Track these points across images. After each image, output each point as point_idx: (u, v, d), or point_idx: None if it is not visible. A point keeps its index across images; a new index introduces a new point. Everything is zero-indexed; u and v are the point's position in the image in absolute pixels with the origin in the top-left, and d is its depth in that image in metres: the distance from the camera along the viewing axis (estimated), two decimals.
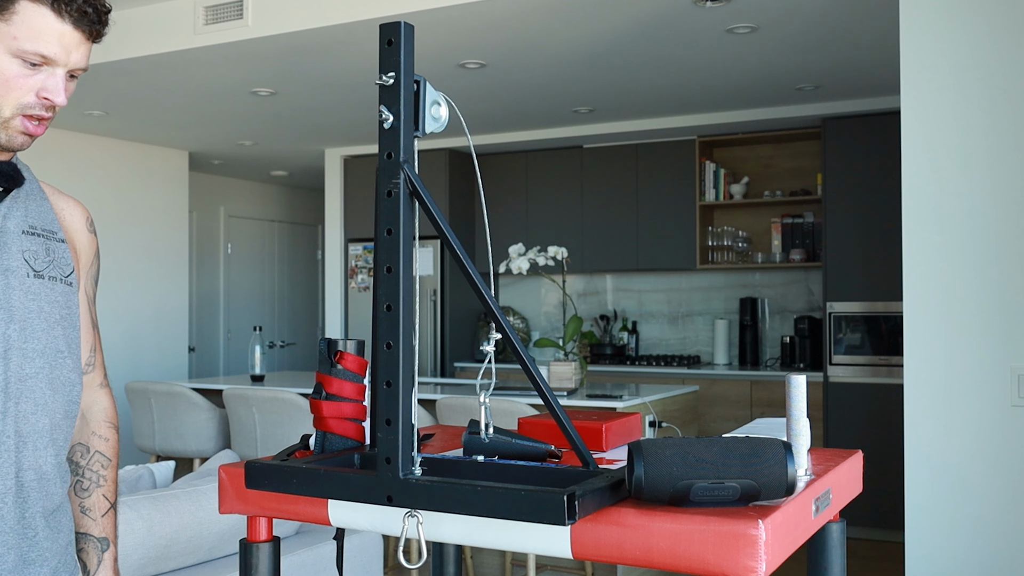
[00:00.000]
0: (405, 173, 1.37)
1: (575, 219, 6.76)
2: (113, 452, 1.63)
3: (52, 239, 1.45)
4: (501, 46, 4.40)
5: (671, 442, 1.30)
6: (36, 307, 1.39)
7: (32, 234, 1.41)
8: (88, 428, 1.60)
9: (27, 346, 1.38)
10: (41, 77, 1.34)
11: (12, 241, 1.38)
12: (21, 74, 1.33)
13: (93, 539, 1.57)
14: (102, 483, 1.59)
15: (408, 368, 1.38)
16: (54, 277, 1.43)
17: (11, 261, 1.37)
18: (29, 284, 1.39)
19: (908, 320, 2.89)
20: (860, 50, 4.54)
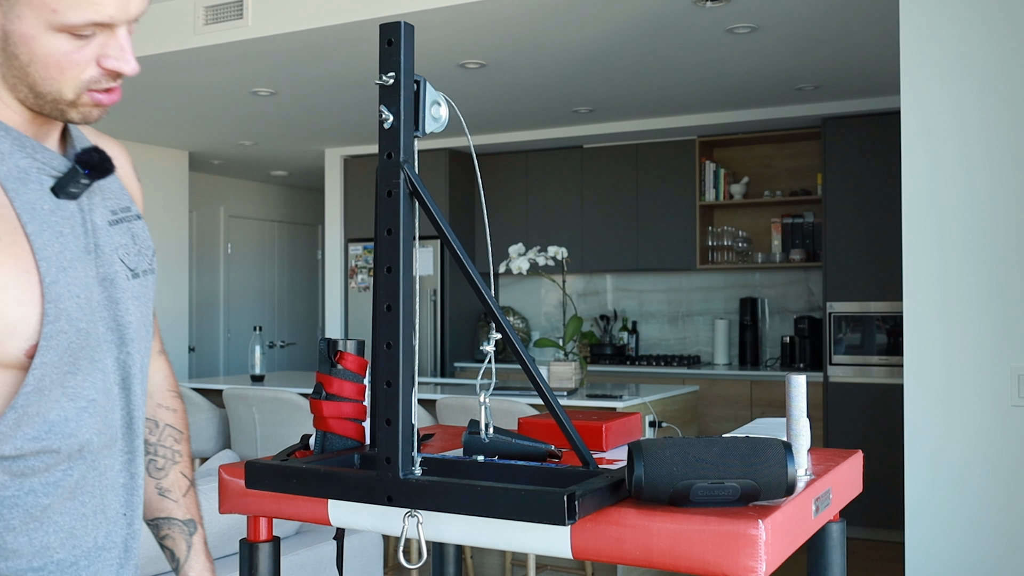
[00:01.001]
0: (405, 173, 1.37)
1: (575, 219, 6.76)
2: (183, 423, 1.45)
3: (131, 218, 1.24)
4: (501, 46, 4.40)
5: (671, 442, 1.30)
6: (139, 315, 1.20)
7: (116, 222, 1.20)
8: (153, 400, 1.42)
9: (140, 364, 1.21)
10: (98, 43, 1.06)
11: (104, 240, 1.16)
12: (72, 48, 1.05)
13: (178, 523, 1.39)
14: (178, 459, 1.41)
15: (408, 368, 1.38)
16: (145, 271, 1.24)
17: (110, 267, 1.16)
18: (131, 290, 1.19)
19: (908, 320, 2.89)
20: (860, 50, 4.54)
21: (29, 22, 1.02)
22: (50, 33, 1.03)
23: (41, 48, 1.03)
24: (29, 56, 1.04)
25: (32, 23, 1.02)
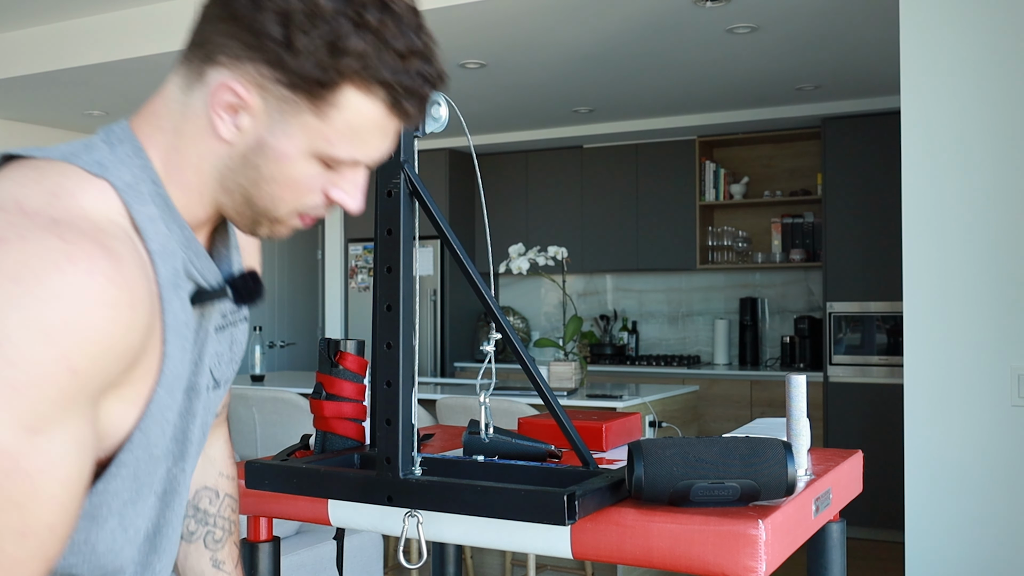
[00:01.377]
0: (405, 173, 1.37)
1: (575, 219, 6.76)
2: (238, 491, 1.37)
3: (237, 321, 1.12)
4: (501, 46, 4.40)
5: (671, 442, 1.30)
6: (204, 425, 1.07)
7: (222, 327, 1.07)
8: (214, 468, 1.33)
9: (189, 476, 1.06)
10: (333, 176, 0.96)
11: (206, 348, 1.03)
12: (315, 174, 0.95)
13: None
14: (233, 529, 1.34)
15: (408, 368, 1.38)
16: (228, 379, 1.12)
17: (199, 378, 1.02)
18: (206, 401, 1.06)
19: (908, 320, 2.89)
20: (860, 50, 4.54)
21: (295, 142, 0.92)
22: (307, 158, 0.93)
23: (291, 170, 0.93)
24: (273, 173, 0.93)
25: (297, 144, 0.92)
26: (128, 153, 0.93)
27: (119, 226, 0.87)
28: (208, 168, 0.94)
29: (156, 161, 0.94)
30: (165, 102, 0.96)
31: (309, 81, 0.88)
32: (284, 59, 0.88)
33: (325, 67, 0.87)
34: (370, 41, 0.88)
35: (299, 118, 0.90)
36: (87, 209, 0.85)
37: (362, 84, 0.89)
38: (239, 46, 0.89)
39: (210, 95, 0.91)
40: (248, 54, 0.89)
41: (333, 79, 0.88)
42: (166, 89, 0.97)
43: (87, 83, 5.07)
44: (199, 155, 0.94)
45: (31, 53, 4.82)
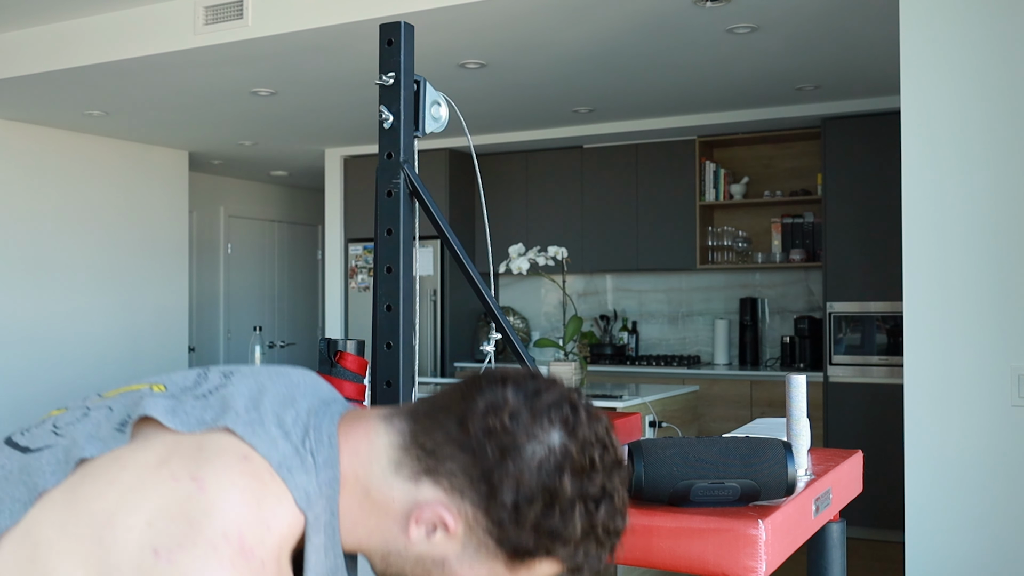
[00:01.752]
0: (405, 173, 1.37)
1: (575, 219, 6.76)
2: None
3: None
4: (501, 46, 4.40)
5: (671, 442, 1.30)
6: None
7: None
8: None
9: None
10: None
11: None
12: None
13: None
14: None
15: (408, 368, 1.38)
16: None
17: None
18: None
19: (908, 320, 2.89)
20: (860, 50, 4.54)
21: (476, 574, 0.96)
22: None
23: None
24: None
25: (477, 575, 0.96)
26: (327, 482, 0.96)
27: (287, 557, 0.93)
28: (379, 540, 0.98)
29: (344, 499, 0.98)
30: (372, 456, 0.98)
31: (518, 549, 0.93)
32: (505, 524, 0.92)
33: (539, 546, 0.92)
34: (586, 534, 0.93)
35: (491, 563, 0.95)
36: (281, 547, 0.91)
37: (561, 560, 0.95)
38: (467, 484, 0.93)
39: (417, 506, 0.95)
40: (472, 497, 0.93)
41: (540, 555, 0.93)
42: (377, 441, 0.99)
43: (87, 83, 5.07)
44: (378, 526, 0.97)
45: (31, 53, 4.82)
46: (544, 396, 0.96)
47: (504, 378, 0.98)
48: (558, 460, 0.92)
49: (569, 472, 0.92)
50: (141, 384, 1.09)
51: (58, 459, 0.96)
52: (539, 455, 0.91)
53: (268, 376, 1.08)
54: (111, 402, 1.04)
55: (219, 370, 1.11)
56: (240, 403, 0.98)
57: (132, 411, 0.99)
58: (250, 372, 1.09)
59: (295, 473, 0.94)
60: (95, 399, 1.09)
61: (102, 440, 0.96)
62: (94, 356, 6.59)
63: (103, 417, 1.00)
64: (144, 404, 0.97)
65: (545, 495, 0.91)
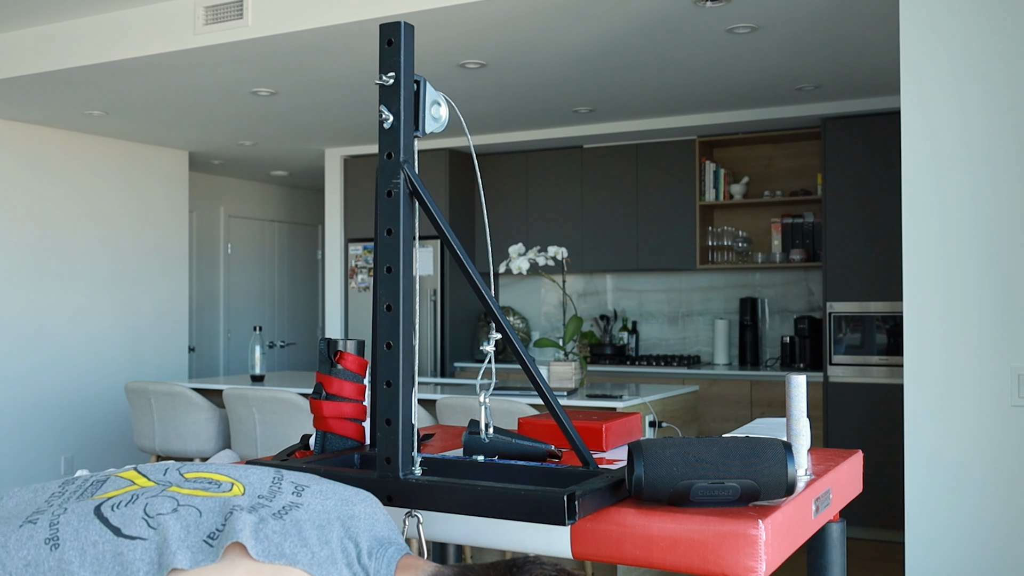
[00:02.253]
0: (405, 173, 1.37)
1: (575, 219, 6.76)
2: None
3: None
4: (501, 46, 4.40)
5: (671, 442, 1.30)
6: None
7: None
8: None
9: None
10: None
11: None
12: None
13: None
14: None
15: (408, 368, 1.38)
16: None
17: None
18: None
19: (908, 320, 2.89)
20: (860, 50, 4.54)
21: None
22: None
23: None
24: None
25: None
26: None
27: None
28: None
29: None
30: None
31: None
32: None
33: None
34: None
35: None
36: None
37: None
38: None
39: None
40: None
41: None
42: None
43: (87, 83, 5.07)
44: None
45: (31, 53, 4.82)
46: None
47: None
48: None
49: None
50: (220, 475, 1.21)
51: (151, 559, 1.05)
52: None
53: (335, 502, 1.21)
54: (200, 502, 1.14)
55: (292, 481, 1.23)
56: (313, 535, 1.10)
57: (223, 525, 1.10)
58: (320, 492, 1.22)
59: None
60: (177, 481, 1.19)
61: (191, 550, 1.06)
62: (94, 356, 6.59)
63: (192, 521, 1.10)
64: (236, 526, 1.07)
65: None
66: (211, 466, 1.25)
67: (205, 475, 1.21)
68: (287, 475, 1.26)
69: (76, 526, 1.07)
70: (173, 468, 1.23)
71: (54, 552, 1.05)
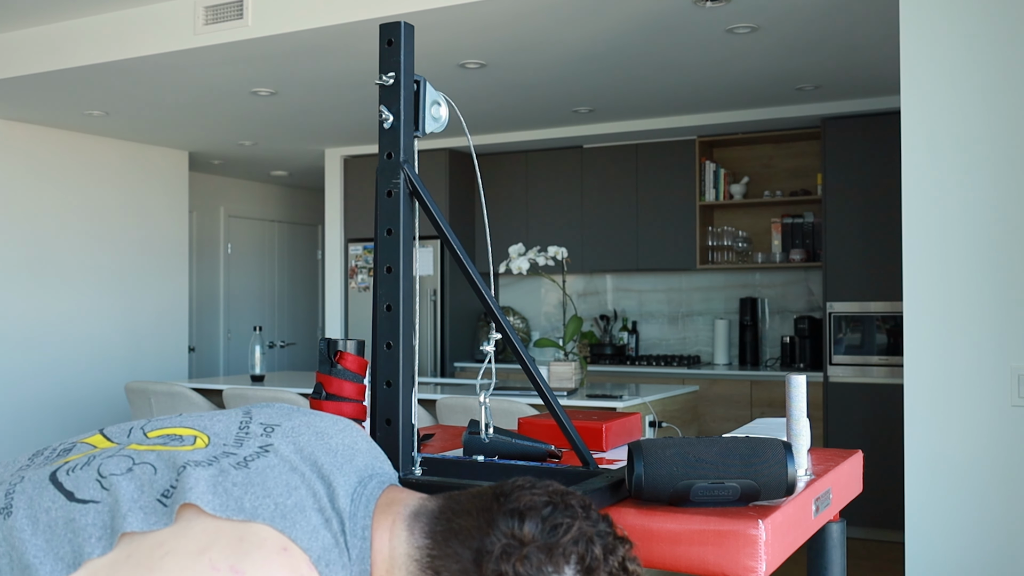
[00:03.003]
0: (405, 173, 1.37)
1: (575, 219, 6.76)
2: None
3: None
4: (501, 46, 4.40)
5: (671, 442, 1.30)
6: None
7: None
8: None
9: None
10: None
11: None
12: None
13: None
14: None
15: (408, 368, 1.38)
16: None
17: None
18: None
19: (908, 320, 2.89)
20: (860, 50, 4.54)
21: None
22: None
23: None
24: None
25: None
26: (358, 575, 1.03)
27: None
28: None
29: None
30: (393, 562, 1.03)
31: None
32: None
33: None
34: None
35: None
36: None
37: None
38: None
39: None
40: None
41: None
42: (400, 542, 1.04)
43: (87, 83, 5.07)
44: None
45: (31, 53, 4.82)
46: (562, 534, 0.98)
47: (523, 510, 1.00)
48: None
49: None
50: (184, 428, 1.11)
51: (104, 523, 0.97)
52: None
53: (309, 438, 1.11)
54: (155, 458, 1.05)
55: (261, 422, 1.13)
56: (279, 483, 1.01)
57: (176, 481, 1.00)
58: (291, 431, 1.11)
59: (332, 568, 0.98)
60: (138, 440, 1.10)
61: (143, 511, 0.98)
62: (94, 356, 6.59)
63: (146, 479, 1.02)
64: (187, 483, 0.99)
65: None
66: (178, 419, 1.16)
67: (169, 431, 1.12)
68: (257, 415, 1.16)
69: (31, 494, 1.02)
70: (138, 427, 1.15)
71: (6, 521, 0.99)
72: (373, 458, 1.16)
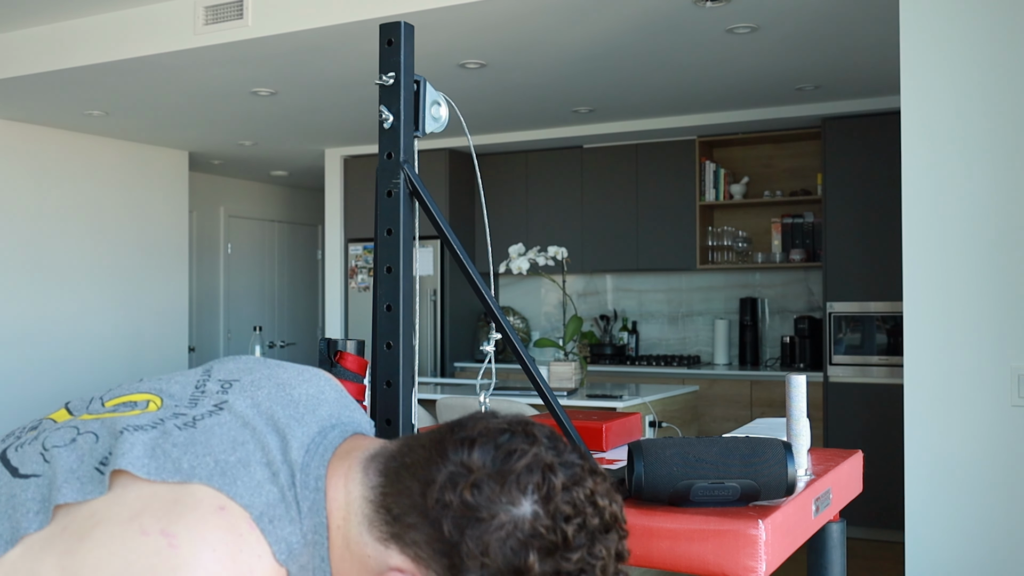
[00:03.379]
0: (405, 173, 1.37)
1: (575, 219, 6.76)
2: None
3: None
4: (501, 46, 4.40)
5: (671, 442, 1.30)
6: None
7: None
8: None
9: None
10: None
11: None
12: None
13: None
14: None
15: (408, 368, 1.38)
16: None
17: None
18: None
19: (908, 320, 2.89)
20: (860, 50, 4.54)
21: None
22: None
23: None
24: None
25: None
26: (314, 529, 0.93)
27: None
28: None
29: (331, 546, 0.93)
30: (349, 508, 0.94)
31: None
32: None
33: None
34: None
35: None
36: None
37: None
38: (432, 556, 0.87)
39: (389, 570, 0.90)
40: (438, 570, 0.87)
41: None
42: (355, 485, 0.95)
43: (87, 83, 5.07)
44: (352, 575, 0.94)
45: (31, 53, 4.82)
46: (516, 460, 0.88)
47: (476, 437, 0.90)
48: (525, 536, 0.84)
49: (537, 549, 0.84)
50: (140, 394, 1.05)
51: (42, 496, 0.93)
52: (504, 530, 0.84)
53: (269, 391, 1.04)
54: (99, 426, 1.00)
55: (220, 378, 1.06)
56: (225, 440, 0.94)
57: (113, 447, 0.94)
58: (251, 384, 1.04)
59: (277, 524, 0.90)
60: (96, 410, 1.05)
61: (80, 481, 0.92)
62: (94, 356, 6.59)
63: (88, 448, 0.96)
64: (121, 449, 0.93)
65: (512, 573, 0.84)
66: (137, 384, 1.09)
67: (126, 398, 1.05)
68: (217, 372, 1.08)
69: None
70: (98, 397, 1.09)
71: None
72: (342, 407, 1.07)
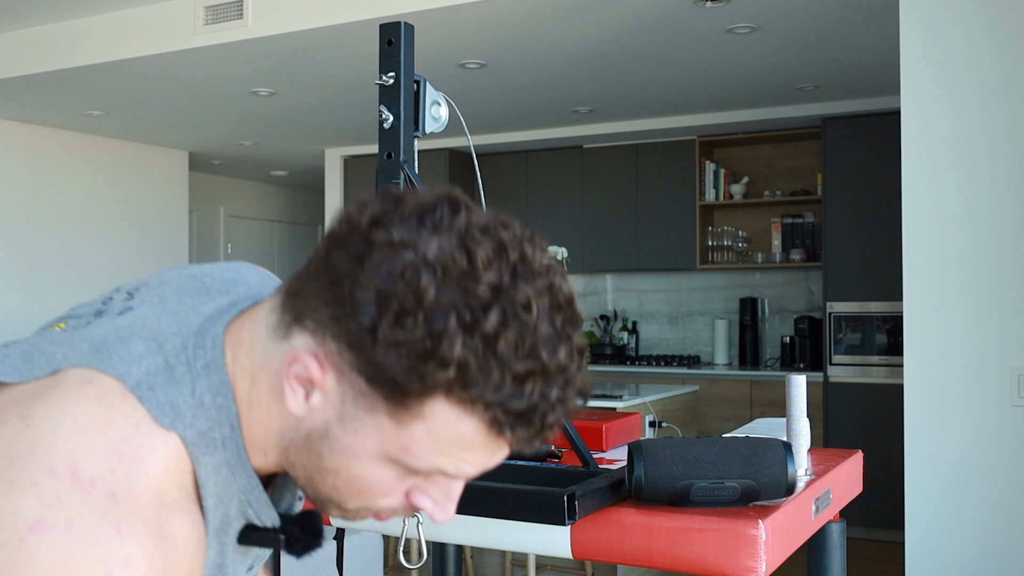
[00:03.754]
0: (405, 173, 1.38)
1: (575, 219, 6.76)
2: None
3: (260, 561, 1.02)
4: (501, 46, 4.40)
5: (671, 442, 1.30)
6: None
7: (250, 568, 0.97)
8: None
9: None
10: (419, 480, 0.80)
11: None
12: (392, 479, 0.79)
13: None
14: None
15: None
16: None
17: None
18: None
19: (908, 320, 2.89)
20: (860, 50, 4.54)
21: (364, 442, 0.76)
22: (379, 461, 0.77)
23: (358, 469, 0.78)
24: (337, 467, 0.79)
25: (366, 445, 0.76)
26: (213, 390, 0.80)
27: (180, 489, 0.78)
28: (274, 433, 0.81)
29: (240, 399, 0.81)
30: (254, 335, 0.82)
31: (389, 382, 0.71)
32: (366, 348, 0.71)
33: (410, 372, 0.70)
34: (477, 352, 0.70)
35: (374, 417, 0.74)
36: (151, 475, 0.75)
37: (456, 399, 0.71)
38: (328, 316, 0.74)
39: (287, 359, 0.77)
40: (333, 328, 0.74)
41: (416, 388, 0.71)
42: (259, 316, 0.83)
43: (87, 83, 5.07)
44: (268, 415, 0.81)
45: (31, 53, 4.82)
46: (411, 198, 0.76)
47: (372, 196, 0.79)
48: (423, 258, 0.71)
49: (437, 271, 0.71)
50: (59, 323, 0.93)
51: None
52: (402, 260, 0.71)
53: (179, 283, 0.93)
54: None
55: (127, 290, 0.94)
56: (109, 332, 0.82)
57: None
58: (159, 283, 0.94)
59: (158, 389, 0.78)
60: None
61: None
62: None
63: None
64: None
65: (405, 300, 0.70)
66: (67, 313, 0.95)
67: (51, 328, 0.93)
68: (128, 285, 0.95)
69: None
70: None
71: None
72: (263, 288, 0.94)
